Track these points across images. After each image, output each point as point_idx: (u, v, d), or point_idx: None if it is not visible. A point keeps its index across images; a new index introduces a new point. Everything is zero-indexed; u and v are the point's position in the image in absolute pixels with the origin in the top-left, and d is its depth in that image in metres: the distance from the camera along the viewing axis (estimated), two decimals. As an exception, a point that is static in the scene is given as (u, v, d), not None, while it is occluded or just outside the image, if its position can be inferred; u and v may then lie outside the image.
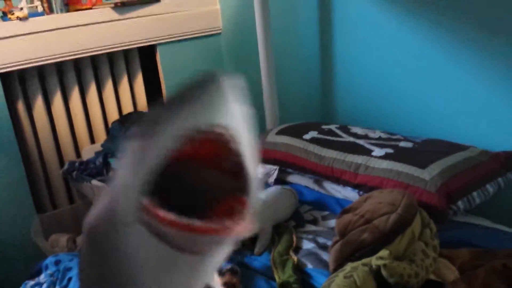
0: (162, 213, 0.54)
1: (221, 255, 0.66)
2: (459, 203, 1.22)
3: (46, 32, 1.88)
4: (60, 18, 1.92)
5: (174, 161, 0.56)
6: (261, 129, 1.92)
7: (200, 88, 0.55)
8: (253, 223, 0.57)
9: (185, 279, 0.64)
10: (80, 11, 1.96)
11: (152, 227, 0.56)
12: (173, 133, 0.54)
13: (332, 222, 1.33)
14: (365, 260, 1.03)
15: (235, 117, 0.58)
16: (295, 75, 2.06)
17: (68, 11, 1.96)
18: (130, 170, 0.56)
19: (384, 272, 0.97)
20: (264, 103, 2.02)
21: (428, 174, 1.26)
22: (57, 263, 1.19)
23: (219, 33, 2.36)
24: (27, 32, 1.84)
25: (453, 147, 1.40)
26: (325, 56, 1.91)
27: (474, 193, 1.25)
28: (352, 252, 1.09)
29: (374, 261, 1.01)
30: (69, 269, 1.15)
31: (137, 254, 0.59)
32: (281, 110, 2.03)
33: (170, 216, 0.54)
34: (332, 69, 1.90)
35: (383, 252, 1.02)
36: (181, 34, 2.24)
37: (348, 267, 1.02)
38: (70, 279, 1.12)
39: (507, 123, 1.41)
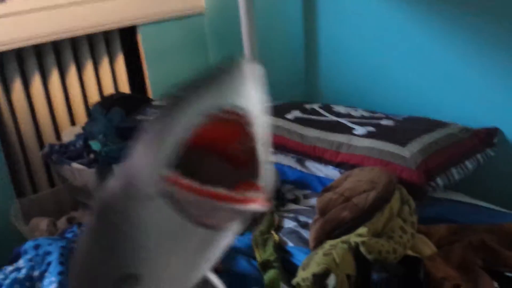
0: (186, 181, 0.57)
1: (227, 238, 0.68)
2: (438, 179, 1.23)
3: (24, 14, 1.84)
4: (39, -1, 1.88)
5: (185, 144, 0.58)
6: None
7: (221, 70, 0.58)
8: (269, 201, 0.60)
9: (192, 256, 0.67)
10: (58, -9, 1.92)
11: (175, 197, 0.58)
12: (195, 110, 0.57)
13: (314, 201, 1.33)
14: (344, 238, 1.03)
15: (253, 102, 0.60)
16: (279, 55, 2.04)
17: (46, -9, 1.92)
18: (152, 145, 0.58)
19: (362, 249, 0.98)
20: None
21: (408, 151, 1.27)
22: (36, 247, 1.17)
23: (202, 13, 2.33)
24: (5, 13, 1.79)
25: (433, 124, 1.40)
26: (309, 36, 1.89)
27: (453, 170, 1.25)
28: (332, 229, 1.09)
29: (353, 238, 1.01)
30: (48, 253, 1.14)
31: (152, 226, 0.61)
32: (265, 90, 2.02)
33: (194, 184, 0.57)
34: (316, 49, 1.89)
35: (362, 230, 1.03)
36: (163, 14, 2.20)
37: (327, 244, 1.02)
38: (49, 263, 1.11)
39: (489, 100, 1.41)
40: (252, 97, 0.60)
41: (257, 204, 0.59)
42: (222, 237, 0.67)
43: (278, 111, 1.66)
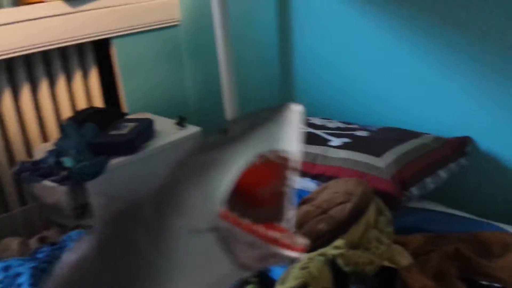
0: (240, 219, 0.56)
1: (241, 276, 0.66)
2: (413, 189, 1.24)
3: (-6, 28, 1.80)
4: (9, 13, 1.83)
5: None
6: (220, 122, 1.90)
7: (274, 112, 0.58)
8: (303, 250, 0.58)
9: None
10: (31, 5, 1.88)
11: (223, 233, 0.57)
12: (250, 150, 0.57)
13: (291, 214, 1.33)
14: (321, 250, 1.03)
15: (294, 143, 0.60)
16: (254, 68, 2.05)
17: (18, 5, 1.88)
18: (204, 179, 0.57)
19: (340, 261, 0.98)
20: (223, 95, 2.00)
21: (383, 162, 1.28)
22: (6, 269, 1.14)
23: (177, 25, 2.32)
24: (-27, 27, 1.75)
25: (407, 134, 1.42)
26: (284, 48, 1.91)
27: (427, 179, 1.27)
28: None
29: (330, 250, 1.01)
30: (18, 274, 1.11)
31: (185, 259, 0.60)
32: (240, 103, 2.02)
33: (247, 222, 0.56)
34: (291, 60, 1.90)
35: (339, 242, 1.03)
36: (137, 27, 2.18)
37: (305, 257, 1.02)
38: (20, 285, 1.08)
39: (461, 109, 1.44)
40: (295, 140, 0.60)
41: (293, 249, 0.56)
42: (239, 276, 0.65)
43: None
